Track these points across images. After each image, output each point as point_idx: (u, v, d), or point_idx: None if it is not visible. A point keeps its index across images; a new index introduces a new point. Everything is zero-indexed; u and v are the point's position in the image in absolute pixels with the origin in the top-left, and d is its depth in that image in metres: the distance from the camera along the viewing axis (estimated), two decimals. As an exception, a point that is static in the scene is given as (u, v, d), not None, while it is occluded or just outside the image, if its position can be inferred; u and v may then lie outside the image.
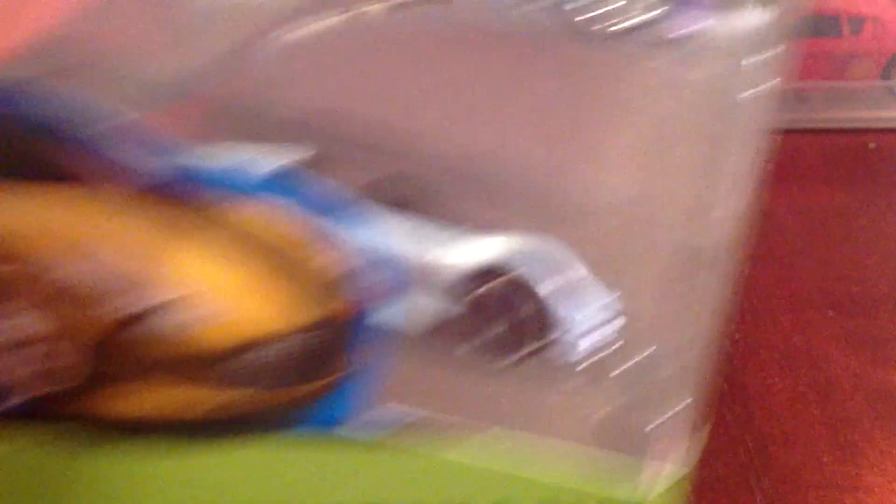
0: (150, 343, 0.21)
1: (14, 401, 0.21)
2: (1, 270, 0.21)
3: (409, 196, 0.25)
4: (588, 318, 0.25)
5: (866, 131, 0.54)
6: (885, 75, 0.54)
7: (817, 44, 0.53)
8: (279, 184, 0.22)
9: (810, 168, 0.51)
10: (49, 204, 0.21)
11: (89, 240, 0.21)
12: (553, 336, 0.24)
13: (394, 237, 0.23)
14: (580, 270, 0.25)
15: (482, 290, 0.24)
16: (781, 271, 0.34)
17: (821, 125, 0.54)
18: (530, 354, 0.24)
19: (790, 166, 0.32)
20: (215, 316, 0.21)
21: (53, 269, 0.21)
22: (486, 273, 0.24)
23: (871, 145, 0.53)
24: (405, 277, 0.23)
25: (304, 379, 0.22)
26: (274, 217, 0.22)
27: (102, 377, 0.21)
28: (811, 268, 0.44)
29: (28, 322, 0.21)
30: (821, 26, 0.53)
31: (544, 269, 0.25)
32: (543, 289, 0.24)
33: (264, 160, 0.23)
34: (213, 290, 0.21)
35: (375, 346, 0.22)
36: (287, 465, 0.22)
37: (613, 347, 0.24)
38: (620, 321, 0.25)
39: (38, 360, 0.21)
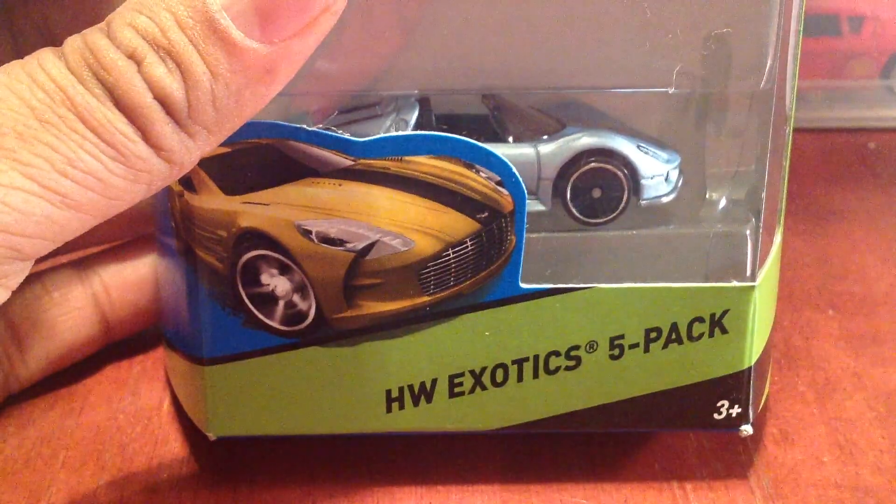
0: (378, 262, 0.31)
1: (305, 323, 0.31)
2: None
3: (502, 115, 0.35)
4: (663, 172, 0.34)
5: (866, 131, 0.54)
6: (885, 74, 0.54)
7: (817, 43, 0.53)
8: (427, 137, 0.31)
9: (810, 168, 0.51)
10: (301, 192, 0.31)
11: (331, 207, 0.30)
12: (641, 193, 0.34)
13: (510, 149, 0.33)
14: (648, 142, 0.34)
15: (584, 167, 0.33)
16: (781, 271, 0.34)
17: (821, 125, 0.54)
18: (625, 209, 0.34)
19: (790, 166, 0.32)
20: (415, 240, 0.31)
21: (314, 228, 0.31)
22: (583, 155, 0.33)
23: (872, 145, 0.53)
24: (531, 172, 0.33)
25: (490, 261, 0.31)
26: (438, 158, 0.31)
27: (352, 293, 0.31)
28: (811, 268, 0.44)
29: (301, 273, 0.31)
30: (820, 25, 0.53)
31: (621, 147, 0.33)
32: (627, 155, 0.33)
33: (398, 123, 0.33)
34: (411, 220, 0.31)
35: (525, 225, 0.31)
36: (489, 324, 0.32)
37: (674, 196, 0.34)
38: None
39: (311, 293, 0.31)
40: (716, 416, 0.33)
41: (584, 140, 0.33)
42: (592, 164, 0.33)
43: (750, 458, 0.34)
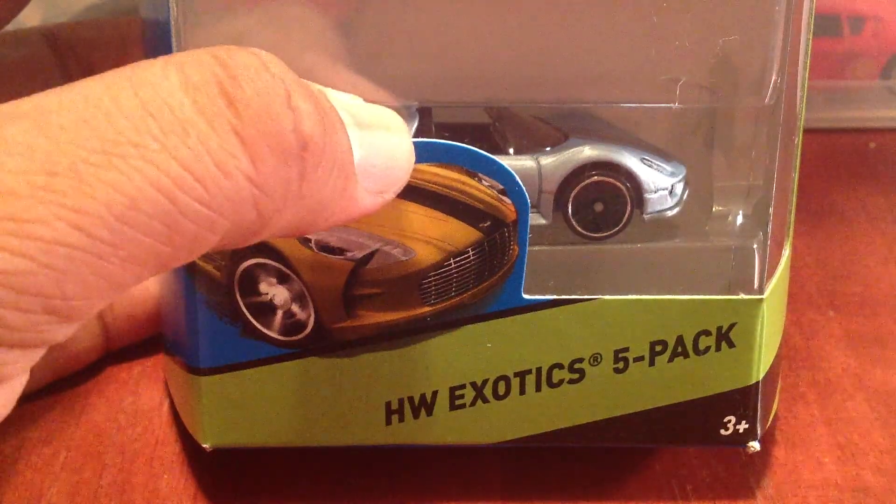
0: (378, 271, 0.30)
1: (304, 333, 0.31)
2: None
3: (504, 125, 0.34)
4: (668, 185, 0.33)
5: (866, 131, 0.54)
6: (886, 75, 0.54)
7: (817, 43, 0.53)
8: (428, 144, 0.30)
9: (810, 168, 0.51)
10: None
11: None
12: (644, 206, 0.33)
13: (510, 161, 0.31)
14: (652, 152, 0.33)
15: (586, 181, 0.33)
16: (781, 271, 0.34)
17: (821, 125, 0.54)
18: (628, 223, 0.33)
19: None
20: (416, 249, 0.30)
21: (314, 236, 0.30)
22: (585, 168, 0.33)
23: (872, 145, 0.53)
24: (531, 185, 0.32)
25: (493, 272, 0.30)
26: (440, 166, 0.30)
27: (352, 303, 0.30)
28: (811, 268, 0.44)
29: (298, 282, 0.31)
30: (821, 26, 0.52)
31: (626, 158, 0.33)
32: (631, 168, 0.33)
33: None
34: (412, 228, 0.30)
35: (527, 236, 0.30)
36: (491, 335, 0.31)
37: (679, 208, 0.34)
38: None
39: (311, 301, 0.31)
40: (722, 431, 0.32)
41: (587, 153, 0.33)
42: (595, 178, 0.33)
43: (750, 458, 0.34)
